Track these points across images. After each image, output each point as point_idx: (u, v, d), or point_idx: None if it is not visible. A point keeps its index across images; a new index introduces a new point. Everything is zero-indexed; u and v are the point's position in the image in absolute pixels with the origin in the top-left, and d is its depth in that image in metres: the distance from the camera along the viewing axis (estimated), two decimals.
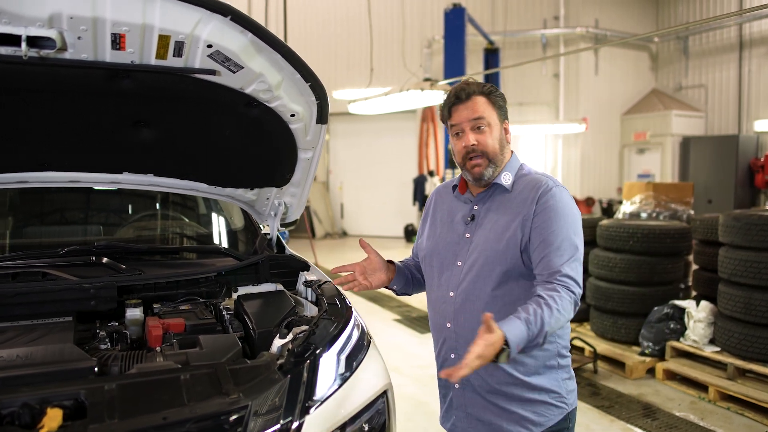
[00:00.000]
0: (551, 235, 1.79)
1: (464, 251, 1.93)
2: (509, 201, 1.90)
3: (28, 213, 2.80)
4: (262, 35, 1.71)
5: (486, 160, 1.89)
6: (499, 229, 1.87)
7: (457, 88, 1.94)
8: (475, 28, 10.35)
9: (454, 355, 1.91)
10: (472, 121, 1.88)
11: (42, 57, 1.57)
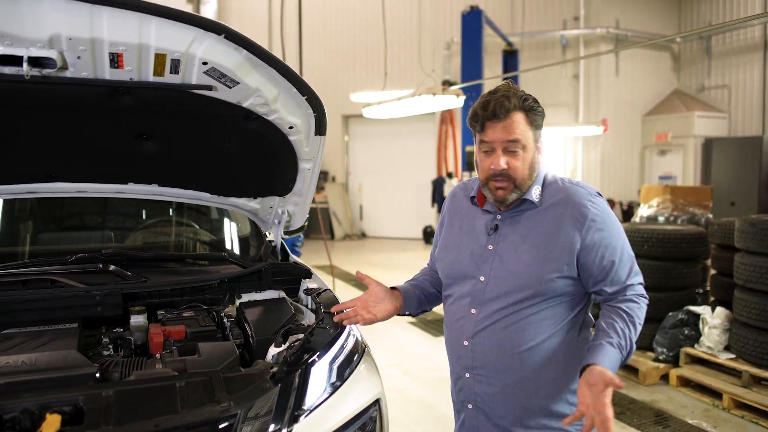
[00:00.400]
0: (611, 251, 1.72)
1: (487, 265, 1.80)
2: (539, 216, 1.77)
3: (41, 219, 2.89)
4: (257, 52, 1.75)
5: (512, 185, 1.73)
6: (530, 247, 1.74)
7: (495, 100, 1.70)
8: (493, 29, 10.33)
9: (469, 375, 1.82)
10: (506, 142, 1.70)
11: (44, 76, 1.63)
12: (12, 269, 2.22)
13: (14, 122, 1.88)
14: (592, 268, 1.72)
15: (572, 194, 1.76)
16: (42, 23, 1.49)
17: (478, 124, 1.74)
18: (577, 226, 1.72)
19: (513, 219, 1.81)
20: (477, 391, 1.82)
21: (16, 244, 2.81)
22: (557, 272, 1.71)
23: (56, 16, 1.49)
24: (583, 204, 1.73)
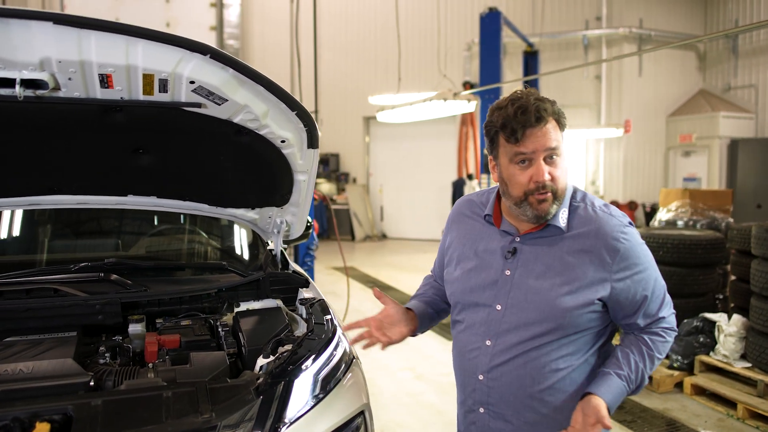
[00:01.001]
0: (643, 287, 1.64)
1: (503, 292, 1.67)
2: (566, 244, 1.63)
3: (53, 228, 2.98)
4: (243, 70, 1.79)
5: (553, 196, 1.59)
6: (555, 277, 1.61)
7: (533, 105, 1.55)
8: (513, 31, 10.26)
9: (483, 410, 1.72)
10: (547, 150, 1.56)
11: (38, 96, 1.69)
12: (16, 278, 2.30)
13: (14, 139, 1.96)
14: (624, 305, 1.64)
15: (603, 225, 1.62)
16: (32, 47, 1.55)
17: (514, 134, 1.56)
18: (608, 262, 1.59)
19: (534, 243, 1.66)
20: (492, 427, 1.72)
21: (26, 251, 2.91)
22: (584, 308, 1.60)
23: (46, 40, 1.55)
24: (615, 238, 1.60)
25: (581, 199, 1.69)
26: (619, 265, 1.60)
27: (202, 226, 3.20)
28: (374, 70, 14.75)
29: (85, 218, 3.07)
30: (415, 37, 14.29)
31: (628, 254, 1.60)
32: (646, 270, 1.64)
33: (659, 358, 1.67)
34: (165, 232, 3.15)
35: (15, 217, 2.95)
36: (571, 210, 1.66)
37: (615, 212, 1.67)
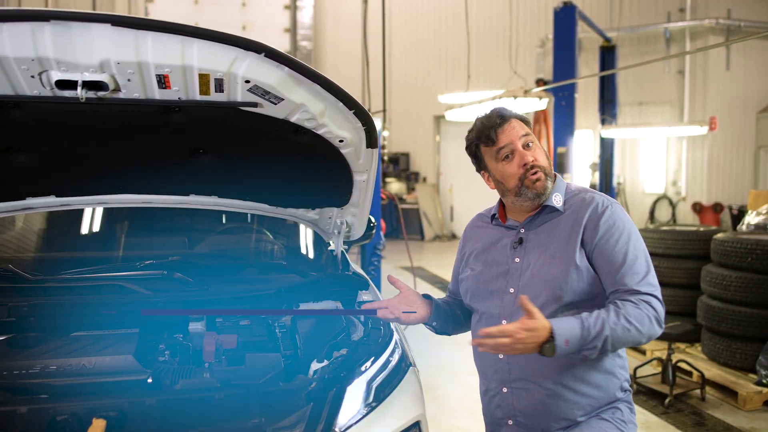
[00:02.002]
0: (621, 255, 1.74)
1: (515, 277, 1.86)
2: (562, 222, 1.85)
3: (124, 226, 3.08)
4: (298, 68, 1.77)
5: (543, 174, 1.84)
6: (554, 251, 1.81)
7: (494, 110, 1.92)
8: (589, 25, 9.87)
9: (506, 389, 1.85)
10: (523, 137, 1.85)
11: (100, 98, 1.73)
12: (85, 274, 2.37)
13: (80, 140, 2.01)
14: (602, 270, 1.76)
15: (592, 199, 1.85)
16: (92, 50, 1.58)
17: (489, 137, 1.86)
18: (592, 227, 1.78)
19: (537, 230, 1.88)
20: (516, 406, 1.84)
21: (102, 248, 3.02)
22: (574, 275, 1.76)
23: (105, 42, 1.57)
24: (602, 207, 1.81)
25: (576, 188, 1.93)
26: (597, 232, 1.77)
27: (269, 225, 3.23)
28: (445, 69, 14.62)
29: (159, 217, 3.16)
30: (486, 35, 14.05)
31: (606, 223, 1.77)
32: (626, 240, 1.75)
33: (628, 319, 1.65)
34: (231, 232, 3.20)
35: (95, 215, 3.08)
36: (568, 197, 1.89)
37: (602, 193, 1.88)
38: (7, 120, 1.82)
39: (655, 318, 1.68)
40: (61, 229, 3.21)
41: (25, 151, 2.03)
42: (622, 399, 1.86)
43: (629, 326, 1.65)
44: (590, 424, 1.79)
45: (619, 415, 1.83)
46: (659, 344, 5.54)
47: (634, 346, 1.78)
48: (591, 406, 1.80)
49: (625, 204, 12.76)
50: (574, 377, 1.78)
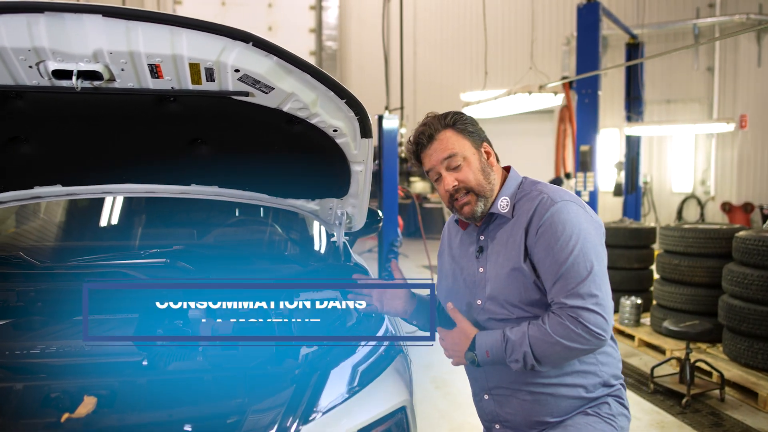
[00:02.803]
0: (557, 262, 1.64)
1: (481, 288, 1.81)
2: (510, 228, 1.77)
3: (136, 221, 3.18)
4: (287, 57, 1.79)
5: (474, 195, 1.76)
6: (505, 262, 1.74)
7: (416, 132, 1.82)
8: (614, 22, 9.73)
9: (488, 396, 1.86)
10: (445, 161, 1.76)
11: (95, 87, 1.78)
12: (91, 262, 2.45)
13: (82, 130, 2.08)
14: (542, 277, 1.68)
15: (536, 198, 1.74)
16: (85, 40, 1.63)
17: (415, 161, 1.83)
18: (533, 230, 1.69)
19: (492, 236, 1.80)
20: (499, 411, 1.84)
21: (116, 239, 3.11)
22: (523, 280, 1.70)
23: (97, 32, 1.62)
24: (542, 207, 1.70)
25: (530, 186, 1.81)
26: (536, 235, 1.67)
27: (277, 219, 3.28)
28: (469, 68, 14.57)
29: (169, 210, 3.24)
30: (510, 33, 13.96)
31: (545, 224, 1.66)
32: (560, 245, 1.64)
33: (551, 336, 1.60)
34: (240, 224, 3.26)
35: (113, 209, 3.18)
36: (517, 198, 1.78)
37: (557, 189, 1.75)
38: (11, 110, 1.89)
39: (586, 332, 1.59)
40: (79, 221, 3.32)
41: (31, 141, 2.10)
42: (608, 394, 1.82)
43: (552, 342, 1.61)
44: (576, 421, 1.75)
45: (606, 409, 1.79)
46: (678, 344, 5.45)
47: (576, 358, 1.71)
48: (572, 405, 1.77)
49: (652, 204, 12.56)
50: (547, 382, 1.75)
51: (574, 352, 1.63)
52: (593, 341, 1.61)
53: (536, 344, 1.62)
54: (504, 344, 1.65)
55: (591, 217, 1.72)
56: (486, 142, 1.83)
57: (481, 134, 1.82)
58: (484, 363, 1.69)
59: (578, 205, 1.72)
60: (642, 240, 6.73)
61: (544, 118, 13.32)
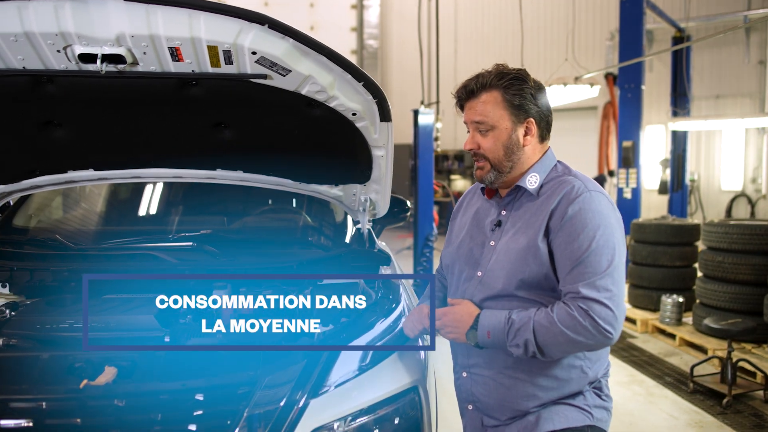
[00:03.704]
0: (579, 250, 1.59)
1: (486, 261, 1.76)
2: (534, 206, 1.72)
3: (167, 207, 3.29)
4: (303, 39, 1.82)
5: (488, 164, 1.74)
6: (520, 239, 1.69)
7: (467, 80, 1.76)
8: (659, 14, 9.49)
9: (466, 374, 1.80)
10: (474, 123, 1.73)
11: (120, 71, 1.85)
12: (122, 245, 2.55)
13: (110, 115, 2.16)
14: (558, 262, 1.63)
15: (568, 184, 1.69)
16: (109, 24, 1.70)
17: (458, 107, 1.79)
18: (558, 215, 1.65)
19: (514, 212, 1.77)
20: (474, 391, 1.79)
21: (152, 223, 3.23)
22: (534, 265, 1.65)
23: (119, 16, 1.69)
24: (573, 194, 1.65)
25: (563, 170, 1.78)
26: (561, 219, 1.63)
27: (306, 208, 3.32)
28: (510, 64, 14.39)
29: (201, 198, 3.34)
30: (551, 29, 13.75)
31: (574, 210, 1.62)
32: (586, 233, 1.60)
33: (557, 327, 1.55)
34: (269, 212, 3.32)
35: (152, 198, 3.29)
36: (548, 178, 1.74)
37: (588, 180, 1.72)
38: (43, 95, 1.98)
39: (593, 326, 1.53)
40: (117, 210, 3.44)
41: (64, 126, 2.20)
42: (588, 389, 1.74)
43: (557, 331, 1.55)
44: (548, 410, 1.69)
45: (581, 400, 1.71)
46: (721, 343, 5.28)
47: (580, 351, 1.67)
48: (549, 398, 1.70)
49: (699, 202, 12.18)
50: (530, 369, 1.69)
51: (577, 345, 1.59)
52: (599, 338, 1.55)
53: (540, 332, 1.57)
54: (507, 327, 1.60)
55: (617, 213, 1.68)
56: (534, 118, 1.73)
57: (531, 109, 1.72)
58: (484, 344, 1.65)
59: (607, 199, 1.68)
60: (685, 237, 6.54)
61: (588, 115, 13.07)
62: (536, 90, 1.73)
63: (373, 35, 17.03)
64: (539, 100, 1.74)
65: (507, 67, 1.75)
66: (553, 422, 1.67)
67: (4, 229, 2.79)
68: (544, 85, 1.81)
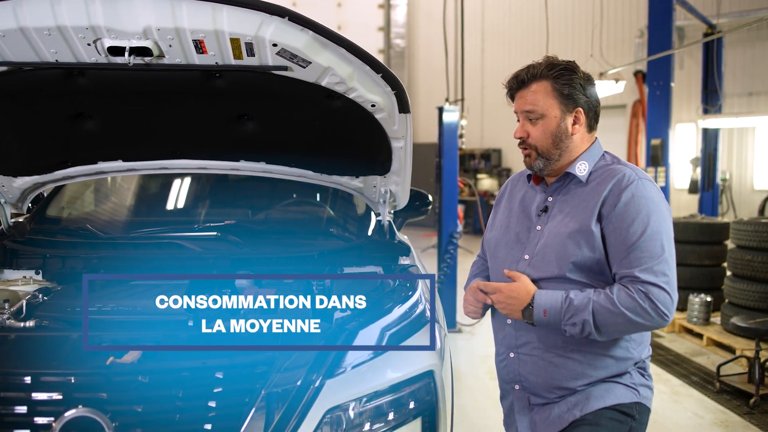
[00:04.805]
0: (634, 236, 1.66)
1: (533, 244, 1.82)
2: (584, 193, 1.78)
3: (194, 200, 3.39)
4: (322, 31, 1.87)
5: (535, 152, 1.81)
6: (570, 223, 1.75)
7: (518, 71, 1.83)
8: (689, 11, 9.33)
9: (513, 354, 1.85)
10: (524, 112, 1.81)
11: (147, 63, 1.93)
12: (149, 234, 2.64)
13: (138, 107, 2.24)
14: (613, 248, 1.70)
15: (620, 172, 1.75)
16: (136, 17, 1.77)
17: (508, 97, 1.86)
18: (611, 200, 1.71)
19: (562, 199, 1.82)
20: (522, 371, 1.84)
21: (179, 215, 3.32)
22: (583, 250, 1.71)
23: (146, 10, 1.76)
24: (625, 180, 1.72)
25: (611, 159, 1.84)
26: (616, 207, 1.69)
27: (329, 200, 3.38)
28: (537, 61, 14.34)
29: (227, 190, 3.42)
30: (578, 26, 13.62)
31: (627, 197, 1.69)
32: (640, 220, 1.67)
33: (617, 307, 1.62)
34: (293, 204, 3.39)
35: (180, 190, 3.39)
36: (597, 167, 1.81)
37: (636, 168, 1.77)
38: (75, 87, 2.07)
39: (653, 309, 1.62)
40: (146, 203, 3.54)
41: (94, 117, 2.29)
42: (633, 369, 1.81)
43: (617, 312, 1.62)
44: (597, 387, 1.76)
45: (628, 378, 1.78)
46: (749, 343, 5.19)
47: (635, 333, 1.75)
48: (598, 376, 1.76)
49: (731, 201, 11.93)
50: (582, 349, 1.75)
51: (635, 326, 1.66)
52: (657, 320, 1.63)
53: (599, 312, 1.63)
54: (565, 306, 1.66)
55: (665, 202, 1.76)
56: (582, 108, 1.79)
57: (580, 99, 1.78)
58: (539, 322, 1.71)
59: (657, 188, 1.76)
60: (713, 235, 6.44)
61: (617, 114, 12.93)
62: (585, 81, 1.79)
63: (400, 34, 17.08)
64: (588, 91, 1.80)
65: (557, 58, 1.82)
66: (603, 399, 1.74)
67: (38, 219, 2.90)
68: (593, 77, 1.87)
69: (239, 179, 3.32)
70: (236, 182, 3.39)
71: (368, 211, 3.11)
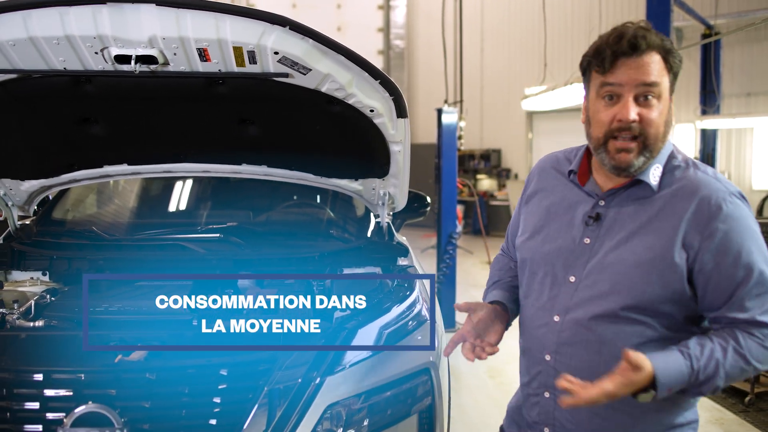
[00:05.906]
0: (741, 272, 1.35)
1: (580, 263, 1.47)
2: (653, 207, 1.41)
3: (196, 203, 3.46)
4: (321, 40, 1.94)
5: (640, 145, 1.38)
6: (638, 248, 1.40)
7: (632, 32, 1.36)
8: (687, 12, 9.40)
9: (549, 394, 1.53)
10: (641, 86, 1.35)
11: (153, 71, 1.99)
12: (153, 236, 2.71)
13: (143, 112, 2.31)
14: (709, 289, 1.37)
15: (703, 187, 1.39)
16: (142, 27, 1.84)
17: (604, 61, 1.37)
18: (700, 228, 1.35)
19: (620, 205, 1.45)
20: (557, 416, 1.53)
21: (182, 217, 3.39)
22: (663, 284, 1.37)
23: (151, 19, 1.82)
24: (716, 202, 1.36)
25: (682, 159, 1.46)
26: (712, 239, 1.35)
27: (330, 203, 3.45)
28: (537, 65, 14.34)
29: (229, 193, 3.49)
30: (577, 28, 13.68)
31: (727, 222, 1.35)
32: (745, 253, 1.35)
33: (749, 361, 1.34)
34: (294, 206, 3.46)
35: (182, 193, 3.46)
36: (668, 169, 1.44)
37: (722, 178, 1.42)
38: (82, 94, 2.13)
39: None
40: (148, 205, 3.61)
41: (100, 122, 2.35)
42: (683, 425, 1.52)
43: (747, 367, 1.35)
44: None
45: None
46: None
47: None
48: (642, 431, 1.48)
49: None
50: (643, 405, 1.39)
51: (750, 374, 1.40)
52: None
53: (732, 375, 1.35)
54: (692, 379, 1.32)
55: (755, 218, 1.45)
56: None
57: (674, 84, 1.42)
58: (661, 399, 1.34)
59: (747, 203, 1.42)
60: None
61: None
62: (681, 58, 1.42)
63: (400, 35, 17.15)
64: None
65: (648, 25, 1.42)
66: None
67: (44, 221, 2.97)
68: None
69: (241, 182, 3.40)
70: (238, 185, 3.46)
71: (367, 212, 3.17)
